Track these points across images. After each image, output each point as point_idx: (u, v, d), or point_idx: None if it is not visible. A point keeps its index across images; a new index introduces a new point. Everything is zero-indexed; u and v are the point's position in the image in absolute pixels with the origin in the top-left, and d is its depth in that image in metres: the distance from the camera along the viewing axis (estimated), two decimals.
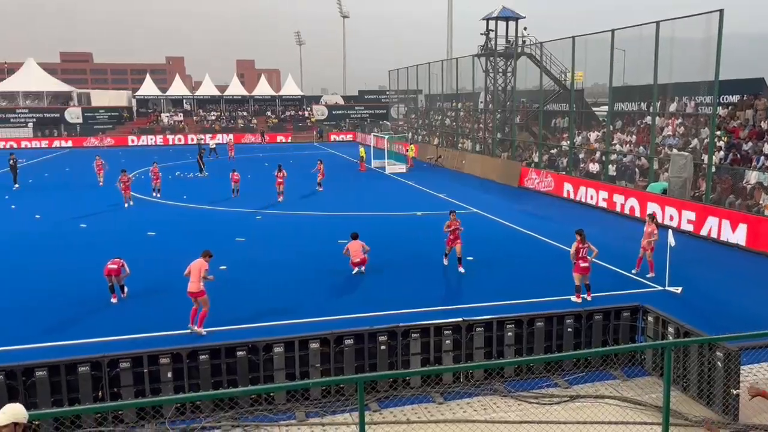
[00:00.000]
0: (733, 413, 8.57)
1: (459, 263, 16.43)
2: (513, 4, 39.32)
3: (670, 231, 15.39)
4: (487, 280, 15.89)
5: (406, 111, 65.25)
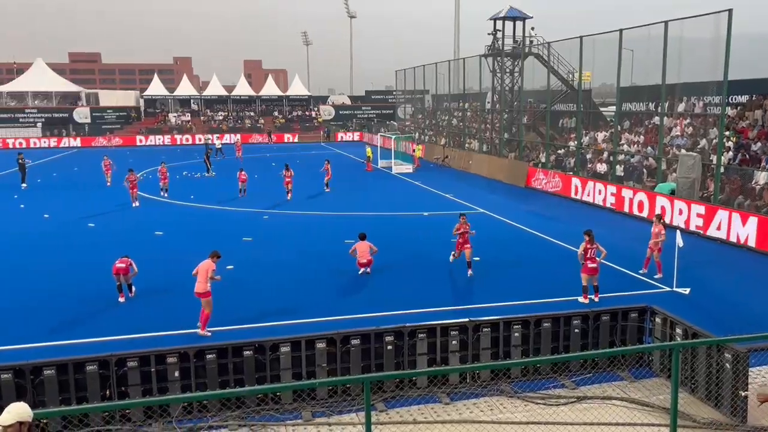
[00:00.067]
0: (742, 415, 8.52)
1: (468, 267, 16.34)
2: (519, 4, 39.29)
3: (678, 232, 15.31)
4: (493, 281, 15.86)
5: (413, 111, 65.16)
